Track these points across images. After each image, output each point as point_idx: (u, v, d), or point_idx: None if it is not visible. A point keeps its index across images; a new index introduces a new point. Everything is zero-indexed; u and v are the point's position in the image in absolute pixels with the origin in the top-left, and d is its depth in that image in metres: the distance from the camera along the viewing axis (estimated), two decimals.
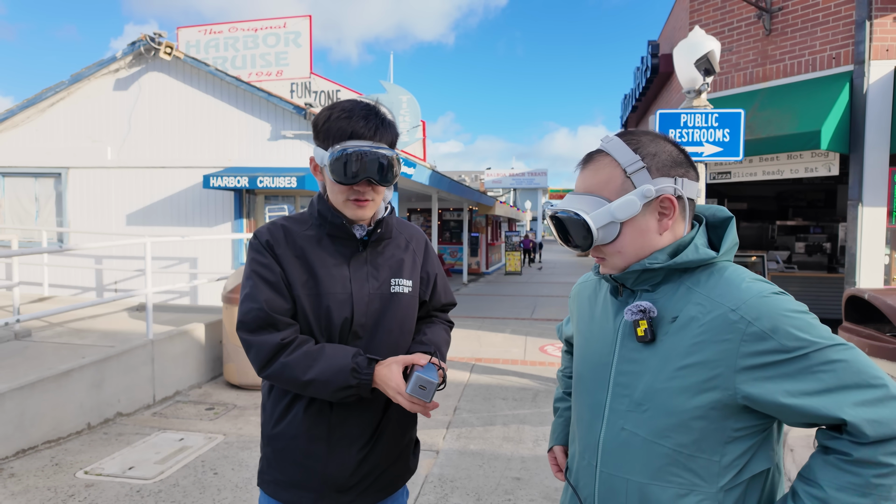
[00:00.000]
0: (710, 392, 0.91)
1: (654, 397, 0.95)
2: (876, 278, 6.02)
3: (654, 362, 0.96)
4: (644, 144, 1.00)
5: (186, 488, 3.34)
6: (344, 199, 1.35)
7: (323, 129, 1.32)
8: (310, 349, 1.30)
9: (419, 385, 1.22)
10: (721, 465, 0.92)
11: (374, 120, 1.32)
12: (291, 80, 11.08)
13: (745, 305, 0.90)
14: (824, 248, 9.26)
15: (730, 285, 0.94)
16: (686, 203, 1.01)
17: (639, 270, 1.00)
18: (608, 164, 1.01)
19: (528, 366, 6.34)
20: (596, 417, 1.05)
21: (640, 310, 0.97)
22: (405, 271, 1.46)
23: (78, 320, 6.27)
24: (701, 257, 0.97)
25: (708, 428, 0.92)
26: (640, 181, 0.98)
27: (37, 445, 3.83)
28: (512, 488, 3.37)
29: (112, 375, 4.45)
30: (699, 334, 0.92)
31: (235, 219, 8.72)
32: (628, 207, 0.98)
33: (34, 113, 9.10)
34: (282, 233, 1.39)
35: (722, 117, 4.76)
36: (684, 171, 1.01)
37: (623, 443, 0.99)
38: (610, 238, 1.00)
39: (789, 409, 0.87)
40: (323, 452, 1.37)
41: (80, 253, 8.92)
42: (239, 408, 4.81)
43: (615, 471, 1.00)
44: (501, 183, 42.61)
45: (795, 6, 6.68)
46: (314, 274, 1.36)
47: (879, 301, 3.20)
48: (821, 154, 6.37)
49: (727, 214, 1.05)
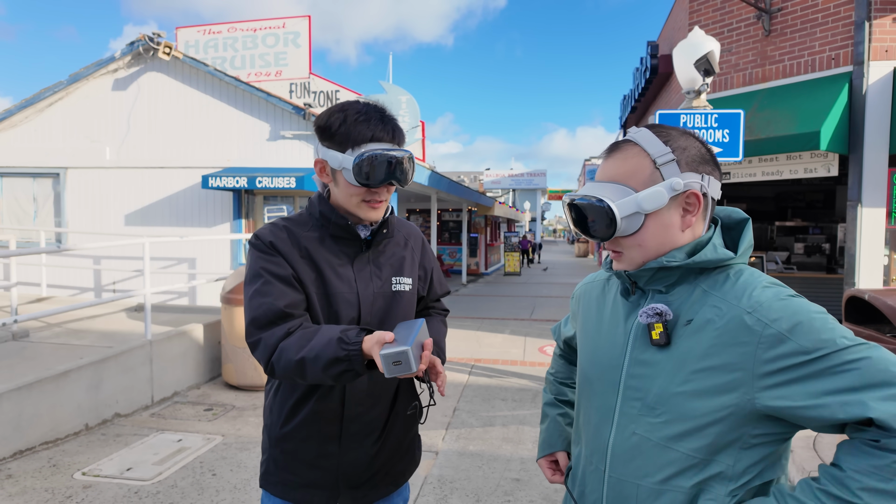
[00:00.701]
0: (728, 396, 0.89)
1: (669, 401, 0.93)
2: (875, 279, 6.02)
3: (668, 366, 0.94)
4: (674, 138, 0.98)
5: (185, 489, 3.32)
6: (358, 201, 1.36)
7: (340, 132, 1.32)
8: (307, 330, 1.26)
9: (392, 363, 1.09)
10: (735, 471, 0.91)
11: (390, 123, 1.35)
12: (290, 80, 11.07)
13: (761, 308, 0.88)
14: (823, 249, 9.26)
15: (746, 288, 0.92)
16: (709, 202, 0.99)
17: (655, 268, 0.98)
18: (637, 154, 0.98)
19: (528, 366, 6.34)
20: (605, 421, 1.03)
21: (657, 312, 0.95)
22: (405, 269, 1.48)
23: (76, 321, 6.26)
24: (720, 257, 0.95)
25: (724, 433, 0.90)
26: (668, 174, 0.96)
27: (34, 446, 3.81)
28: (511, 489, 3.36)
29: (110, 376, 4.43)
30: (716, 337, 0.91)
31: (234, 219, 8.70)
32: (656, 199, 0.95)
33: (32, 113, 9.08)
34: (285, 233, 1.38)
35: (721, 118, 4.76)
36: (711, 169, 0.99)
37: (634, 447, 0.97)
38: (632, 230, 0.97)
39: (813, 410, 0.84)
40: (336, 451, 1.39)
41: (78, 253, 8.90)
42: (238, 409, 4.80)
43: (625, 475, 0.98)
44: (500, 183, 42.64)
45: (795, 7, 6.68)
46: (322, 274, 1.37)
47: (879, 301, 3.20)
48: (820, 155, 6.37)
49: (743, 216, 1.03)
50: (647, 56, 9.72)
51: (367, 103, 1.37)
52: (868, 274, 6.01)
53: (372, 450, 1.42)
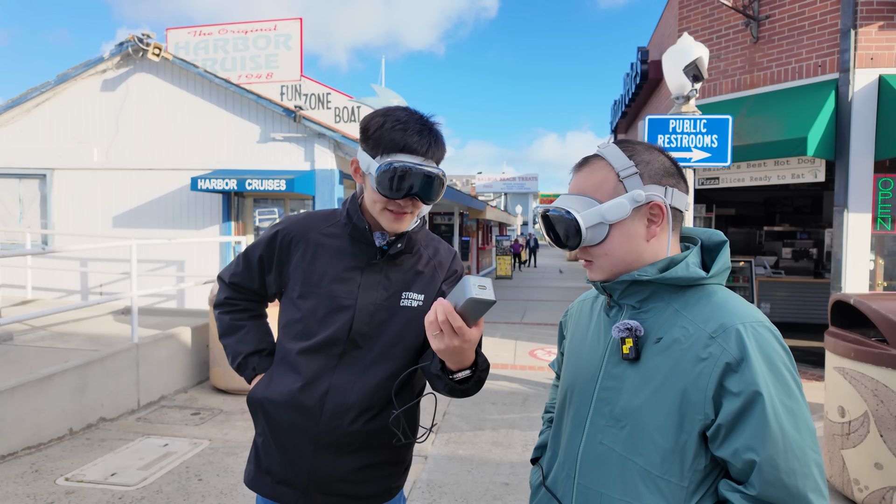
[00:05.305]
0: (682, 417, 0.92)
1: (631, 415, 0.97)
2: (861, 283, 6.08)
3: (635, 381, 0.98)
4: (639, 152, 1.03)
5: (170, 495, 3.28)
6: (381, 209, 1.33)
7: (374, 136, 1.29)
8: (235, 321, 1.53)
9: (478, 286, 0.96)
10: (688, 491, 0.93)
11: (428, 136, 1.29)
12: (281, 82, 11.01)
13: (724, 333, 0.91)
14: (811, 254, 9.35)
15: (715, 310, 0.95)
16: (674, 214, 1.03)
17: (628, 282, 1.02)
18: (602, 168, 1.04)
19: (518, 370, 6.33)
20: (577, 430, 1.07)
21: (627, 328, 0.99)
22: (418, 285, 1.41)
23: (61, 324, 6.17)
24: (690, 275, 0.98)
25: (676, 452, 0.93)
26: (631, 186, 1.01)
27: (16, 451, 3.75)
28: (501, 493, 3.35)
29: (96, 380, 4.37)
30: (679, 358, 0.94)
31: (223, 221, 8.64)
32: (618, 210, 1.00)
33: (19, 113, 8.97)
34: (303, 229, 1.42)
35: (710, 123, 4.80)
36: (675, 181, 1.04)
37: (599, 456, 1.01)
38: (598, 239, 1.02)
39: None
40: (310, 457, 1.37)
41: (64, 255, 8.79)
42: (225, 413, 4.75)
43: (591, 484, 1.01)
44: (492, 187, 42.70)
45: (782, 14, 6.76)
46: (324, 275, 1.37)
47: (864, 306, 3.23)
48: (807, 160, 6.43)
49: (722, 238, 1.07)
50: (638, 62, 9.79)
51: (414, 113, 1.32)
52: (854, 278, 6.08)
53: (346, 467, 1.35)
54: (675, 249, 1.05)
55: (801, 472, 0.85)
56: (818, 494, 0.86)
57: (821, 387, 4.68)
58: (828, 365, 3.46)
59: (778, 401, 0.87)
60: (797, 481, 0.85)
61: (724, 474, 0.94)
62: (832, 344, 3.40)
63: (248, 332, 1.51)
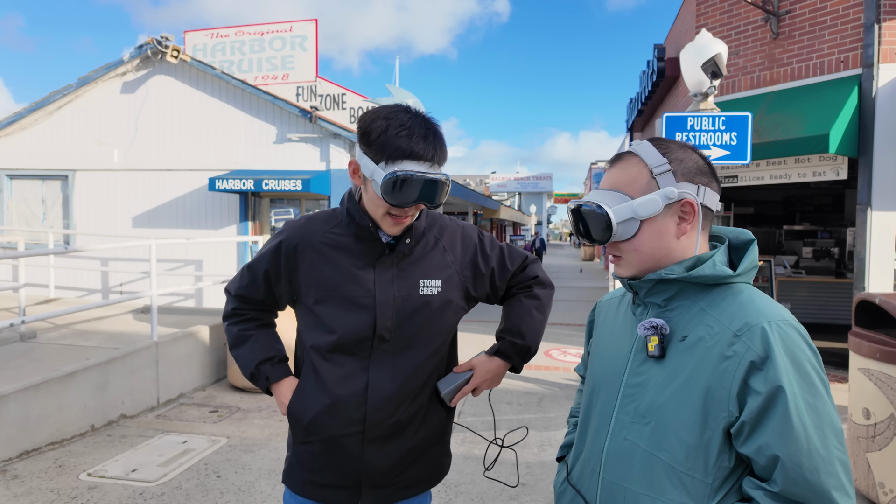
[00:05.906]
0: (707, 414, 0.92)
1: (656, 411, 0.98)
2: (885, 283, 5.95)
3: (660, 378, 0.99)
4: (672, 150, 1.04)
5: (189, 491, 3.32)
6: (383, 213, 1.31)
7: (378, 141, 1.25)
8: (243, 332, 1.51)
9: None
10: (712, 488, 0.92)
11: (433, 141, 1.27)
12: (297, 83, 11.10)
13: (749, 331, 0.91)
14: (832, 253, 9.18)
15: (741, 309, 0.95)
16: (705, 213, 1.03)
17: (654, 280, 1.02)
18: (636, 164, 1.04)
19: (533, 370, 6.31)
20: (603, 425, 1.07)
21: (653, 326, 1.00)
22: (433, 271, 1.42)
23: (83, 322, 6.29)
24: (717, 273, 0.98)
25: (700, 449, 0.93)
26: (664, 183, 1.01)
27: (41, 447, 3.82)
28: (516, 493, 3.34)
29: (116, 377, 4.45)
30: (704, 356, 0.94)
31: (241, 221, 8.73)
32: (650, 206, 1.00)
33: (42, 116, 9.16)
34: (306, 235, 1.40)
35: (729, 120, 4.73)
36: (707, 180, 1.04)
37: (624, 452, 1.01)
38: (628, 234, 1.02)
39: None
40: (358, 455, 1.39)
41: (85, 255, 8.95)
42: (243, 410, 4.80)
43: (616, 479, 1.02)
44: (506, 187, 42.63)
45: (803, 9, 6.64)
46: (336, 277, 1.37)
47: (890, 305, 3.16)
48: (829, 158, 6.31)
49: (750, 237, 1.06)
50: (654, 59, 9.68)
51: (416, 114, 1.29)
52: (878, 278, 5.95)
53: (394, 455, 1.39)
54: (703, 248, 1.05)
55: (826, 469, 0.84)
56: (842, 493, 0.85)
57: (844, 388, 4.59)
58: (852, 366, 3.39)
59: (801, 398, 0.86)
60: (821, 479, 0.84)
61: (748, 472, 0.94)
62: (856, 344, 3.34)
63: (257, 341, 1.51)
